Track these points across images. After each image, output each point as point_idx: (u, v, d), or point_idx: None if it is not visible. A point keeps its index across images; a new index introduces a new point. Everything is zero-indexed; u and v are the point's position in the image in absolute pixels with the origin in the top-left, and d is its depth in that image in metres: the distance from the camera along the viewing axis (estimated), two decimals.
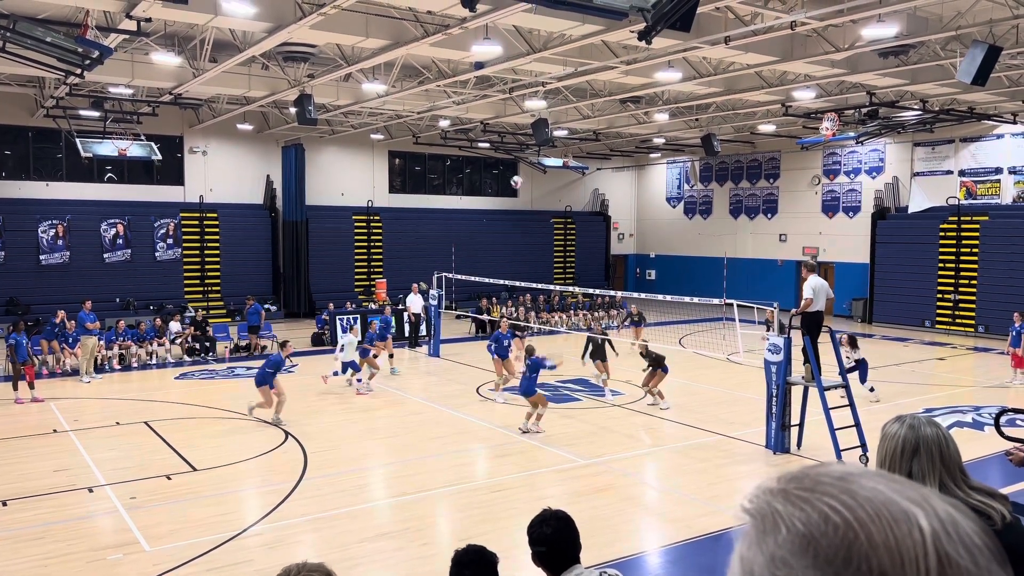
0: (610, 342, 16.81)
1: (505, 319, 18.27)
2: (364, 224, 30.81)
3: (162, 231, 26.74)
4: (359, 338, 18.62)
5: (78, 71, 13.70)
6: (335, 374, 17.38)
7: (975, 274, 25.27)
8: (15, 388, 15.73)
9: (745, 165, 33.81)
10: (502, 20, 13.21)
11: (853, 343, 15.68)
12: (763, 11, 12.95)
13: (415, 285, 23.40)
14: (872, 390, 15.44)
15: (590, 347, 16.73)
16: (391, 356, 19.10)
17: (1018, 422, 12.47)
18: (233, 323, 23.02)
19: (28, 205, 24.82)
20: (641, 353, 15.64)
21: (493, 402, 15.72)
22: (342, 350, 16.80)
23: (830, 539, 0.72)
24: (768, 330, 11.76)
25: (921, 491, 0.75)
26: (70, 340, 19.05)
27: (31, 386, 15.83)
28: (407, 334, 23.23)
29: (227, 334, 21.73)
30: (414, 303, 22.94)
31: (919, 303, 26.52)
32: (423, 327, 23.47)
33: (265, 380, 13.79)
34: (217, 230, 27.86)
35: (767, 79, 19.25)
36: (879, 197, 28.72)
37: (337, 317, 23.35)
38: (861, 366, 15.46)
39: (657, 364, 15.07)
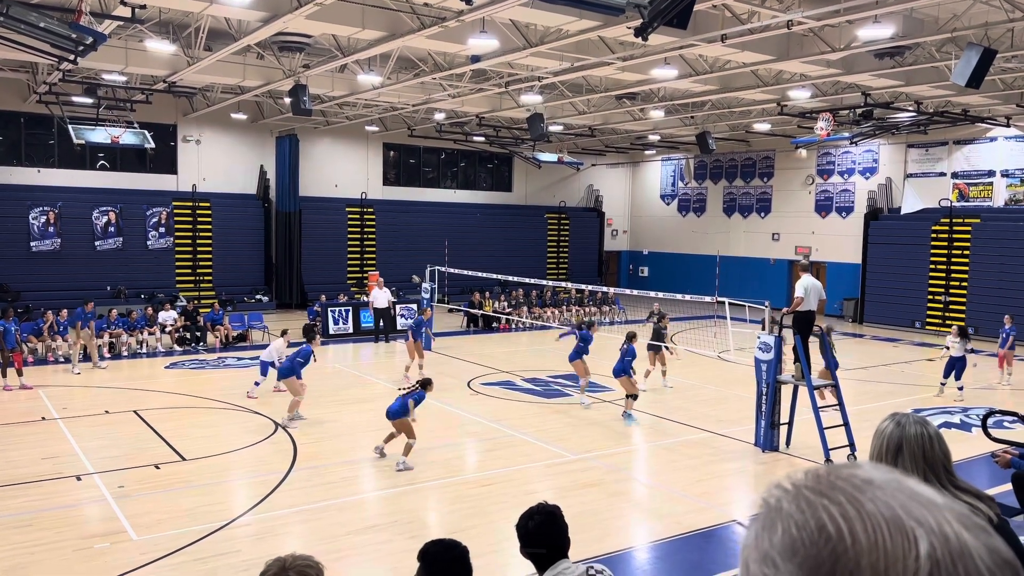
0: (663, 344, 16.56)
1: (428, 310, 18.61)
2: (358, 216, 30.73)
3: (154, 220, 26.61)
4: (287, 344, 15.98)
5: (71, 57, 13.62)
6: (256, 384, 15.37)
7: (966, 276, 25.39)
8: (3, 375, 15.66)
9: (739, 163, 33.86)
10: (499, 14, 13.18)
11: (964, 334, 15.82)
12: (760, 10, 12.95)
13: (380, 279, 23.42)
14: (961, 389, 15.70)
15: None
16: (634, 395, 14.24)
17: (1005, 424, 12.55)
18: (225, 313, 22.92)
19: (19, 191, 24.67)
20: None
21: (479, 394, 15.72)
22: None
23: (819, 549, 0.70)
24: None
25: (940, 512, 0.71)
26: (61, 328, 18.98)
27: (19, 373, 15.76)
28: (379, 328, 23.17)
29: (216, 314, 21.67)
30: (378, 298, 22.79)
31: (910, 304, 26.63)
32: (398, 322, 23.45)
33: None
34: (210, 220, 27.74)
35: (763, 78, 19.27)
36: (872, 198, 28.81)
37: (329, 309, 23.32)
38: (961, 362, 15.67)
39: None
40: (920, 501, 0.72)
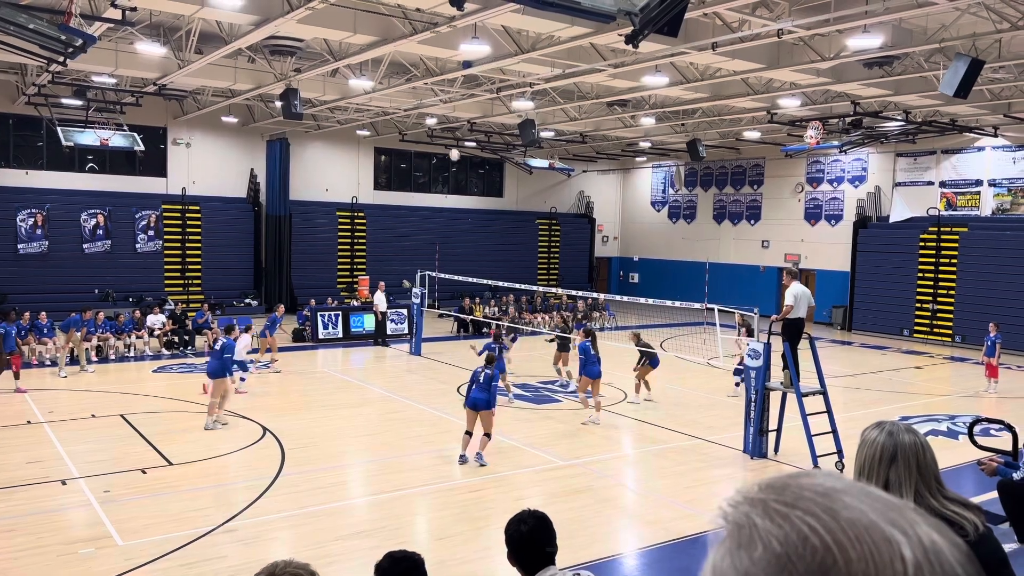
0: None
1: (282, 307, 20.43)
2: (348, 220, 30.69)
3: (143, 223, 26.49)
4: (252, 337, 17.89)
5: (61, 59, 13.54)
6: (242, 380, 15.93)
7: (953, 284, 25.55)
8: None
9: (730, 171, 33.99)
10: (491, 20, 13.20)
11: (751, 332, 15.99)
12: (750, 18, 13.02)
13: (381, 283, 23.46)
14: (737, 385, 15.85)
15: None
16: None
17: (991, 432, 12.61)
18: (214, 317, 22.81)
19: (7, 193, 24.51)
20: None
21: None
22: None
23: (807, 563, 0.68)
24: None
25: (906, 515, 0.72)
26: (45, 331, 18.83)
27: (16, 376, 15.55)
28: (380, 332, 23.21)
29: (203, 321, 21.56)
30: (379, 301, 22.94)
31: (898, 312, 26.77)
32: (408, 326, 23.49)
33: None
34: (199, 223, 27.65)
35: (753, 86, 19.36)
36: (861, 206, 28.96)
37: (319, 313, 23.26)
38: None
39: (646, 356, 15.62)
40: (888, 505, 0.72)
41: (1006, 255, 24.09)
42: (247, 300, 27.74)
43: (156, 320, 20.86)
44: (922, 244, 26.39)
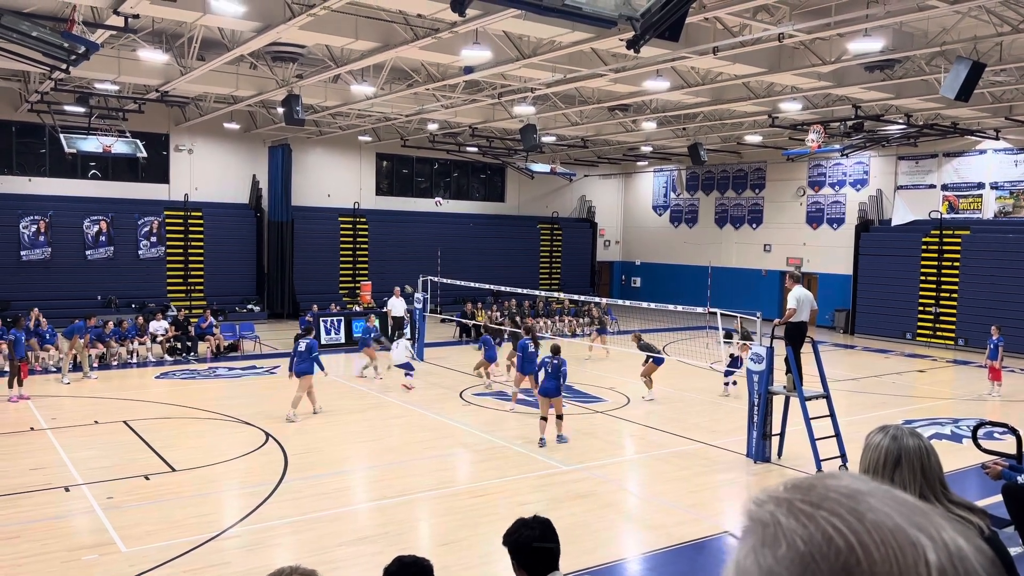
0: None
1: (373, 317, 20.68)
2: (350, 226, 30.72)
3: (146, 229, 26.54)
4: (409, 338, 19.11)
5: (64, 66, 13.58)
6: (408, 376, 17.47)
7: (956, 287, 25.51)
8: (10, 386, 15.42)
9: (731, 175, 34.00)
10: (492, 25, 13.23)
11: (746, 337, 16.67)
12: (751, 23, 13.05)
13: (397, 288, 23.44)
14: (726, 385, 16.90)
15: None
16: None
17: (996, 435, 12.58)
18: (217, 323, 22.83)
19: (10, 200, 24.56)
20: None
21: (471, 405, 15.70)
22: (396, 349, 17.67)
23: (830, 563, 0.69)
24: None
25: (933, 519, 0.72)
26: (47, 337, 18.85)
27: (20, 383, 15.52)
28: (392, 337, 23.21)
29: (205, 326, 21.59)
30: (395, 306, 22.94)
31: (901, 315, 26.73)
32: (407, 330, 23.47)
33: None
34: (201, 229, 27.69)
35: (754, 90, 19.38)
36: (863, 209, 28.95)
37: (321, 319, 23.26)
38: (737, 362, 16.65)
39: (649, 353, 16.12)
40: (914, 509, 0.73)
41: (1008, 258, 24.06)
42: (250, 306, 27.77)
43: (159, 326, 20.88)
44: (924, 247, 26.37)
